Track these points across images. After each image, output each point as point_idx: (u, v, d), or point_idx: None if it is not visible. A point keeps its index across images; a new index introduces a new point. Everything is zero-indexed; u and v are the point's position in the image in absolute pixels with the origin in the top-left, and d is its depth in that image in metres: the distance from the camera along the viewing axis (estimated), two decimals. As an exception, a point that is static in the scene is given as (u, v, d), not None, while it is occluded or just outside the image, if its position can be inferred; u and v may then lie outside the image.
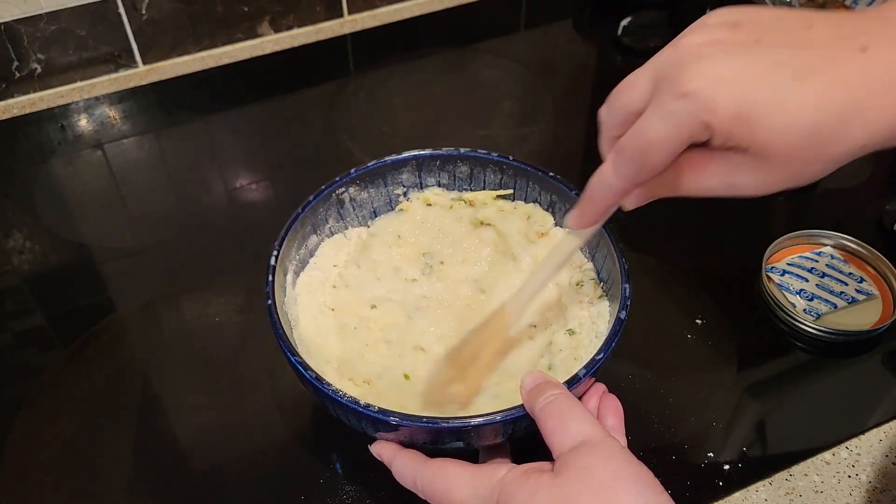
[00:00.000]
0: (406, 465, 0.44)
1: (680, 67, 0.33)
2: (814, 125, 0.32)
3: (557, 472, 0.37)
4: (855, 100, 0.32)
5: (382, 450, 0.45)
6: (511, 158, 0.57)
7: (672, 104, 0.33)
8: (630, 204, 0.40)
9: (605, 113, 0.38)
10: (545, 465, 0.39)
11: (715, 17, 0.35)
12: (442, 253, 0.58)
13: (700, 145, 0.35)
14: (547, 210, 0.58)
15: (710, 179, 0.36)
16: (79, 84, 0.88)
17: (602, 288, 0.53)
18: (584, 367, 0.44)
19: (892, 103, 0.32)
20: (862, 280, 0.63)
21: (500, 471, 0.40)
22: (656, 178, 0.37)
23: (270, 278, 0.49)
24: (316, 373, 0.44)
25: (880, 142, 0.33)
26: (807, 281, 0.63)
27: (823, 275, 0.63)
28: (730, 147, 0.34)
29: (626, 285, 0.48)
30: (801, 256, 0.65)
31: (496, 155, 0.57)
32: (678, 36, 0.36)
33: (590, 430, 0.39)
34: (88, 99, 0.86)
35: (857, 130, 0.32)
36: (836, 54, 0.33)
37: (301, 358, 0.45)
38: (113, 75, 0.89)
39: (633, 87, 0.37)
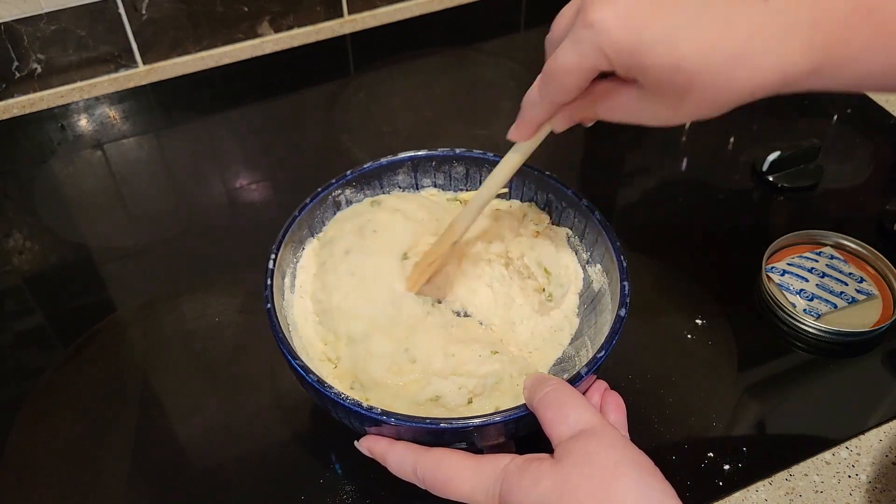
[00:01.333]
0: (404, 456, 0.43)
1: None
2: (701, 67, 0.33)
3: (558, 459, 0.38)
4: (745, 46, 0.33)
5: (374, 445, 0.45)
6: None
7: (579, 32, 0.35)
8: (558, 126, 0.43)
9: (546, 42, 0.41)
10: (545, 454, 0.39)
11: None
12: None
13: (612, 75, 0.37)
14: (543, 209, 0.58)
15: (617, 108, 0.39)
16: (79, 84, 0.88)
17: (602, 288, 0.53)
18: (586, 365, 0.44)
19: (783, 51, 0.33)
20: (862, 280, 0.63)
21: (503, 461, 0.40)
22: (577, 102, 0.40)
23: (269, 282, 0.49)
24: (317, 375, 0.44)
25: (769, 89, 0.34)
26: (807, 281, 0.63)
27: (823, 275, 0.63)
28: (631, 79, 0.36)
29: (625, 283, 0.48)
30: (801, 256, 0.65)
31: (492, 155, 0.57)
32: None
33: (588, 417, 0.39)
34: (88, 99, 0.86)
35: (744, 76, 0.33)
36: (738, 1, 0.33)
37: (302, 361, 0.44)
38: (113, 75, 0.89)
39: (562, 17, 0.39)
